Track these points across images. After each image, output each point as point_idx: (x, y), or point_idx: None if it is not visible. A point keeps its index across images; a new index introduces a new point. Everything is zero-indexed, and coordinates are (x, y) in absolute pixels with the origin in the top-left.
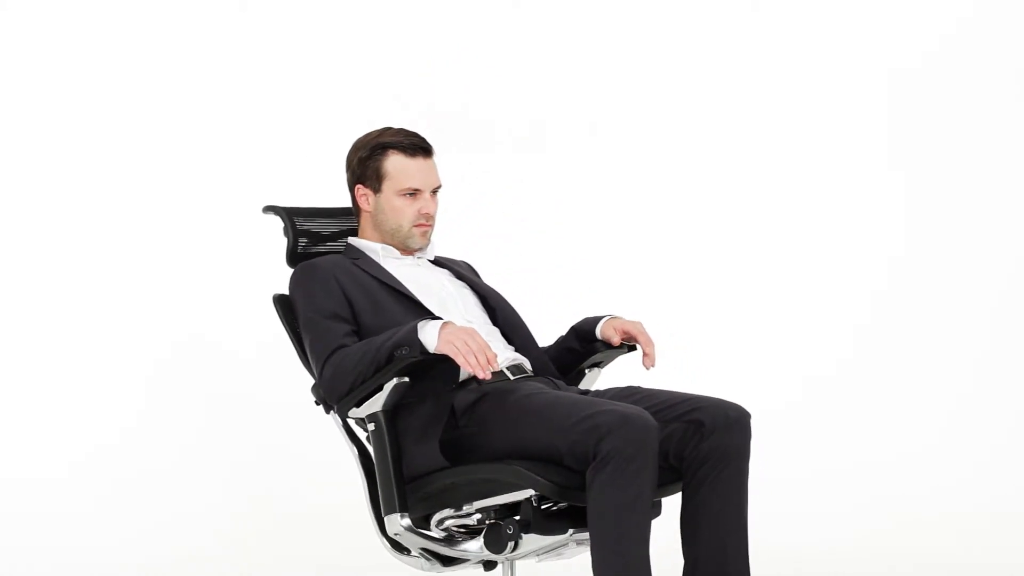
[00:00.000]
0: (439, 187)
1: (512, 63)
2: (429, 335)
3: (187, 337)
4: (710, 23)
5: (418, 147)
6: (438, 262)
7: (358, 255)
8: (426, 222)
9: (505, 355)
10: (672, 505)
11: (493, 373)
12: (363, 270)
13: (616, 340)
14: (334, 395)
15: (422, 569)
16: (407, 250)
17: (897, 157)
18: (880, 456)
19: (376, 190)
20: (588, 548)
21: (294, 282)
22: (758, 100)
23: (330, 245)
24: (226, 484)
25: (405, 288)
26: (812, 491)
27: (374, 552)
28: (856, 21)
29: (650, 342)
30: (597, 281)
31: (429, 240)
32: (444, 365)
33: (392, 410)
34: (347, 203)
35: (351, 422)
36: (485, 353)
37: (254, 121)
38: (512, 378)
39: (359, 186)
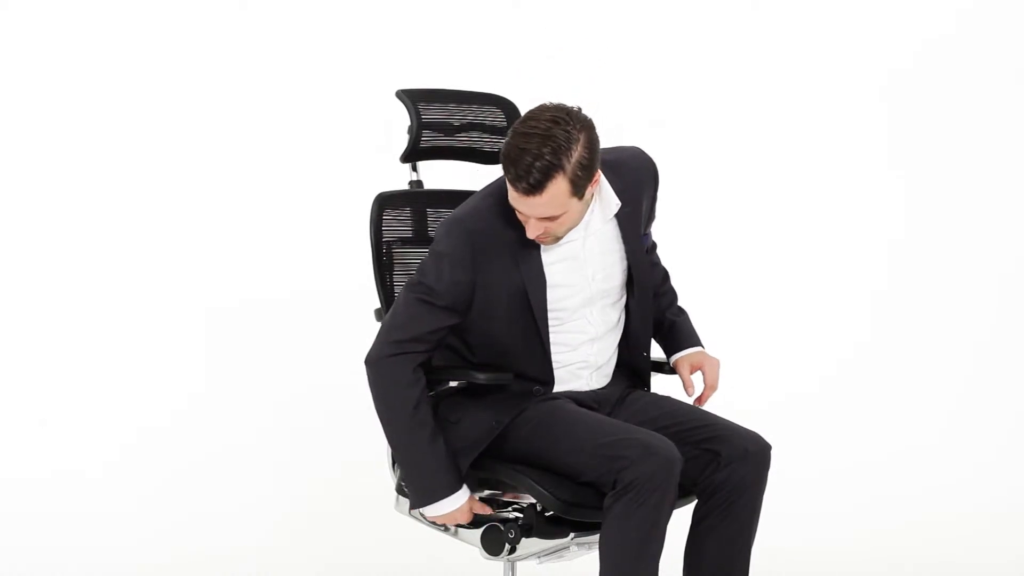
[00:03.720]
0: (556, 216)
1: (511, 62)
2: (433, 511)
3: (196, 343)
4: (710, 23)
5: (524, 187)
6: (625, 202)
7: None
8: (543, 237)
9: (579, 386)
10: (678, 515)
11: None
12: (518, 263)
13: (690, 390)
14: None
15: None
16: None
17: (896, 157)
18: (880, 456)
19: None
20: (589, 551)
21: (444, 235)
22: (757, 100)
23: (458, 138)
24: (227, 488)
25: (544, 308)
26: (811, 491)
27: (374, 552)
28: (855, 21)
29: (712, 387)
30: None
31: (560, 238)
32: (502, 394)
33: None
34: (477, 87)
35: None
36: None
37: (254, 120)
38: None
39: None
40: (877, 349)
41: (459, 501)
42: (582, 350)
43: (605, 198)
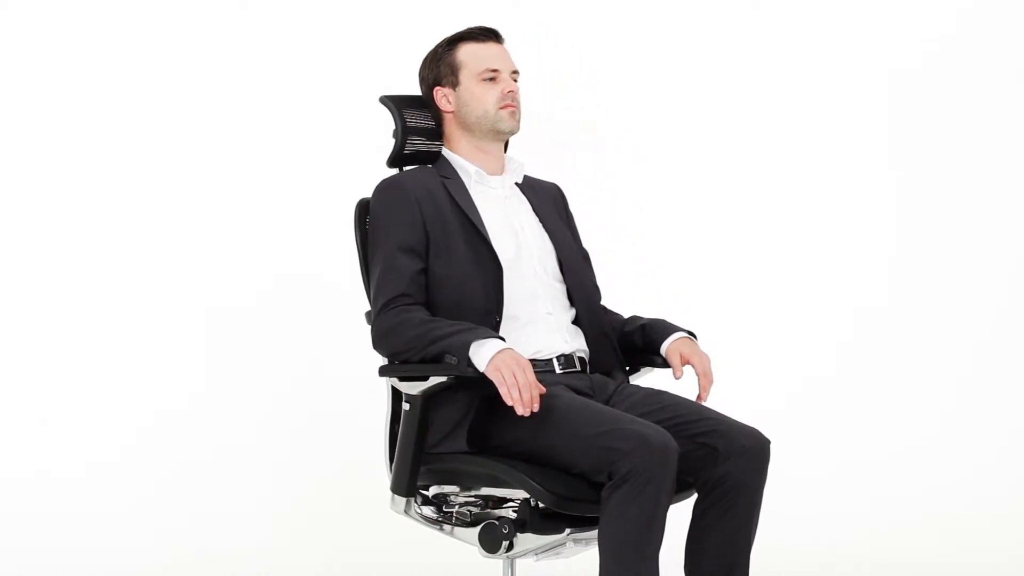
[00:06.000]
0: (517, 72)
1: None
2: (482, 357)
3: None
4: (710, 23)
5: (489, 32)
6: (528, 184)
7: (450, 173)
8: (511, 102)
9: (557, 342)
10: (680, 510)
11: (539, 361)
12: (450, 195)
13: (678, 373)
14: (378, 350)
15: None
16: (500, 135)
17: (896, 157)
18: (880, 456)
19: (454, 84)
20: (586, 548)
21: (377, 200)
22: (757, 100)
23: (441, 144)
24: (227, 488)
25: (485, 231)
26: (811, 491)
27: (374, 552)
28: (856, 21)
29: (707, 380)
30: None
31: (518, 122)
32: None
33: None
34: None
35: None
36: (531, 391)
37: (253, 122)
38: (558, 371)
39: (437, 89)
40: (877, 348)
41: (500, 342)
42: (536, 306)
43: (515, 166)
